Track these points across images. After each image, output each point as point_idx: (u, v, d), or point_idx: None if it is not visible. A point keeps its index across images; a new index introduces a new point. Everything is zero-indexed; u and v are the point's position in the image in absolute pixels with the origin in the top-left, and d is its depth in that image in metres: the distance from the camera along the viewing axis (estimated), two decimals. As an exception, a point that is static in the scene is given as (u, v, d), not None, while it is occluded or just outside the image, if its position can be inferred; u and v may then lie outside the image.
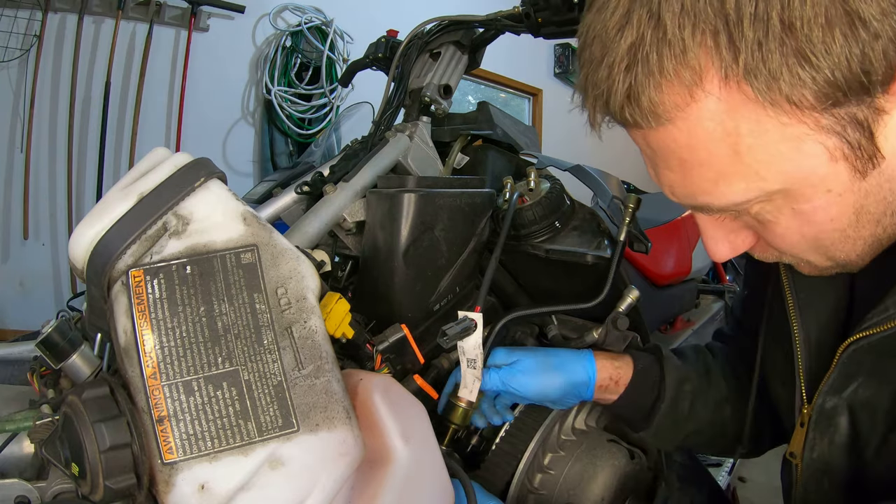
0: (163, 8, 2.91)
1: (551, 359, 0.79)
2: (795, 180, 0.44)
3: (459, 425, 0.80)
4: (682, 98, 0.42)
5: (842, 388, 0.60)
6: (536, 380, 0.76)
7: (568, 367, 0.78)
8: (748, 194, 0.46)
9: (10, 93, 2.67)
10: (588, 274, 0.87)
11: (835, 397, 0.61)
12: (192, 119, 3.06)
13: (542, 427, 0.83)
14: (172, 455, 0.48)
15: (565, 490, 0.82)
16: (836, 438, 0.61)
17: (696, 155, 0.45)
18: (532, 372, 0.77)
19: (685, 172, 0.47)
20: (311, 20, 3.27)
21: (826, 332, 0.64)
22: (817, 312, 0.65)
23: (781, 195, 0.46)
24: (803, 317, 0.66)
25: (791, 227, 0.49)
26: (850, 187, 0.45)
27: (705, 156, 0.44)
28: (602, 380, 0.79)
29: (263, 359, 0.53)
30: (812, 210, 0.46)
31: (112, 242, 0.53)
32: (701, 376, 0.83)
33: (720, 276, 3.01)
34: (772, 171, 0.44)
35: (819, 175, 0.44)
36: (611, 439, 0.87)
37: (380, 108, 1.14)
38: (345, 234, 0.93)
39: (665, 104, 0.42)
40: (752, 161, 0.43)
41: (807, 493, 0.65)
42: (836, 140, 0.42)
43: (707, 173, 0.45)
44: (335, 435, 0.53)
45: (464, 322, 0.74)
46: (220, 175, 0.58)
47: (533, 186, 0.93)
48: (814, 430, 0.63)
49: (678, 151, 0.45)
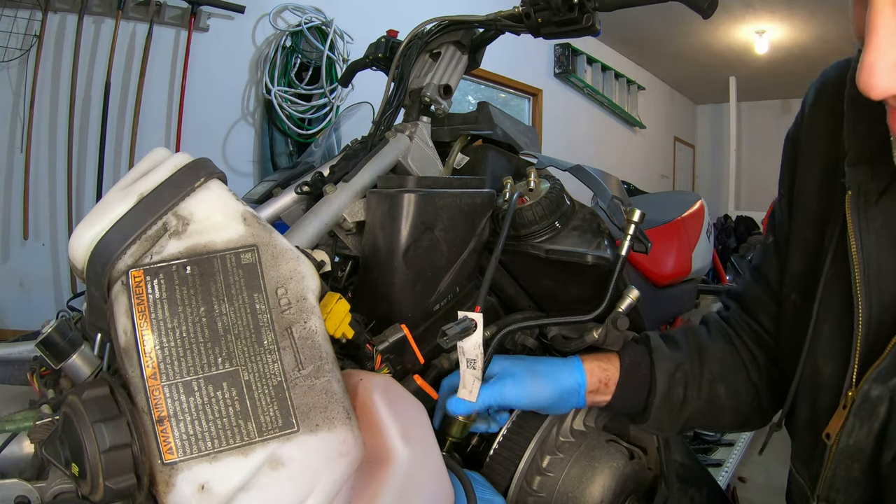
0: (163, 8, 2.91)
1: (539, 367, 0.79)
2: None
3: (458, 438, 0.80)
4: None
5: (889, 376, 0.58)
6: (526, 391, 0.76)
7: (556, 375, 0.78)
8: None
9: (10, 93, 2.67)
10: (588, 274, 0.87)
11: (881, 385, 0.58)
12: (192, 119, 3.07)
13: (541, 429, 0.83)
14: (172, 455, 0.48)
15: (564, 492, 0.82)
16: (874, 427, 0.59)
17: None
18: (521, 384, 0.76)
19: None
20: (311, 20, 3.27)
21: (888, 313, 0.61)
22: (882, 292, 0.61)
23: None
24: (869, 292, 0.62)
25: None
26: None
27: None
28: (592, 384, 0.79)
29: (263, 359, 0.53)
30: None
31: (112, 243, 0.53)
32: (693, 360, 0.83)
33: (720, 276, 3.01)
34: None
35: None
36: (610, 439, 0.87)
37: (380, 108, 1.14)
38: (345, 234, 0.93)
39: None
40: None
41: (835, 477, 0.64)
42: None
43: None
44: (335, 435, 0.53)
45: (464, 322, 0.74)
46: (220, 175, 0.58)
47: (533, 186, 0.93)
48: (855, 415, 0.60)
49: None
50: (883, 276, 0.62)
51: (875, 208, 0.63)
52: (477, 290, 0.84)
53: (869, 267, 0.62)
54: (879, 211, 0.63)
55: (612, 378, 0.80)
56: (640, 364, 0.81)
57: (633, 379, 0.80)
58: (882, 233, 0.62)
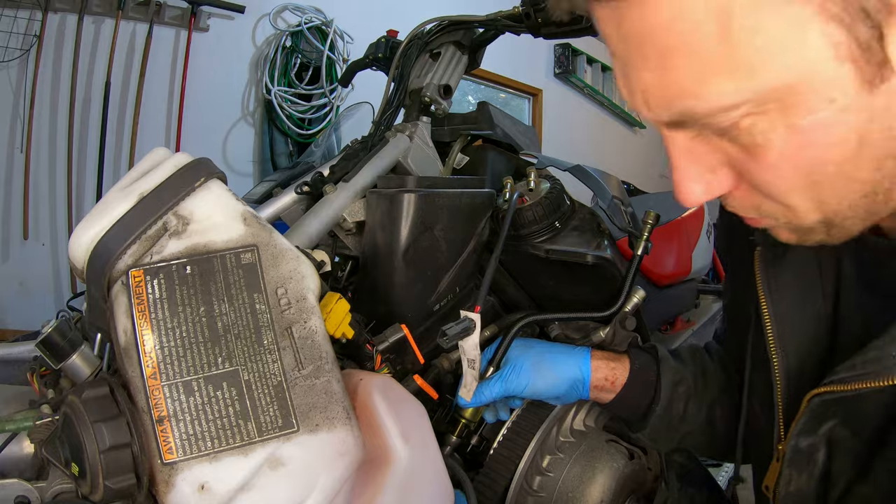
0: (163, 8, 2.90)
1: (547, 355, 0.79)
2: (795, 79, 0.37)
3: (470, 420, 0.83)
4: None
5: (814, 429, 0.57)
6: (530, 379, 0.77)
7: (561, 366, 0.78)
8: (739, 95, 0.38)
9: (10, 93, 2.67)
10: (588, 274, 0.87)
11: (810, 437, 0.57)
12: (192, 119, 3.06)
13: (541, 429, 0.83)
14: (172, 455, 0.48)
15: (564, 492, 0.82)
16: (815, 471, 0.58)
17: (678, 41, 0.38)
18: (526, 372, 0.77)
19: (664, 66, 0.39)
20: (311, 20, 3.26)
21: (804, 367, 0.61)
22: (796, 346, 0.61)
23: (777, 105, 0.39)
24: (784, 347, 0.62)
25: (785, 152, 0.41)
26: (856, 101, 0.38)
27: (689, 40, 0.37)
28: (597, 380, 0.79)
29: (263, 359, 0.53)
30: (811, 127, 0.39)
31: (112, 242, 0.53)
32: (697, 377, 0.83)
33: (720, 276, 3.00)
34: (768, 63, 0.37)
35: (822, 76, 0.37)
36: (610, 439, 0.87)
37: (380, 108, 1.14)
38: (345, 234, 0.93)
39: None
40: (745, 48, 0.37)
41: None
42: (843, 33, 0.36)
43: (691, 65, 0.38)
44: (335, 435, 0.53)
45: (464, 322, 0.74)
46: (220, 175, 0.58)
47: (533, 186, 0.93)
48: (789, 467, 0.59)
49: (657, 36, 0.38)
50: (795, 331, 0.61)
51: (783, 261, 0.63)
52: (477, 290, 0.84)
53: (780, 322, 0.62)
54: (787, 264, 0.63)
55: (620, 378, 0.80)
56: (647, 370, 0.81)
57: (640, 383, 0.80)
58: (791, 285, 0.62)
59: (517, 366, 0.77)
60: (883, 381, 0.47)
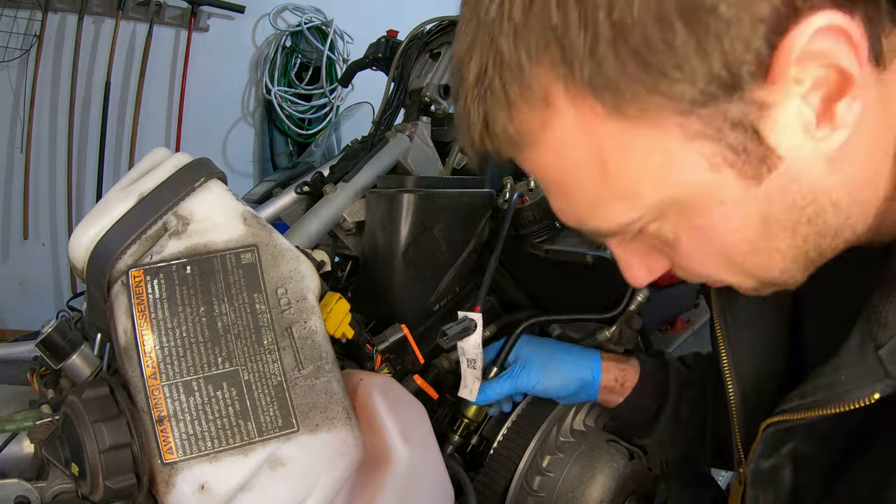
0: (163, 8, 2.90)
1: (558, 355, 0.79)
2: (677, 194, 0.40)
3: (472, 419, 0.82)
4: (536, 122, 0.39)
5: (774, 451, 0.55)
6: (540, 378, 0.77)
7: (572, 366, 0.79)
8: (632, 213, 0.41)
9: (10, 93, 2.66)
10: (588, 274, 0.87)
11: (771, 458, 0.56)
12: (192, 119, 3.06)
13: (541, 429, 0.83)
14: (172, 455, 0.48)
15: (564, 492, 0.82)
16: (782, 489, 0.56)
17: (567, 178, 0.42)
18: (536, 371, 0.77)
19: (564, 198, 0.44)
20: (311, 20, 3.26)
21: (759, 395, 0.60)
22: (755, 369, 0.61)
23: (673, 211, 0.41)
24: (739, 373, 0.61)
25: (694, 244, 0.44)
26: (746, 195, 0.39)
27: (576, 178, 0.41)
28: (607, 381, 0.79)
29: (263, 359, 0.53)
30: (709, 225, 0.41)
31: (112, 242, 0.53)
32: (701, 383, 0.83)
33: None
34: (648, 187, 0.39)
35: (703, 187, 0.39)
36: (610, 439, 0.87)
37: (380, 108, 1.14)
38: (345, 234, 0.93)
39: (521, 131, 0.39)
40: (623, 179, 0.39)
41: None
42: (711, 145, 0.37)
43: (584, 197, 0.42)
44: (335, 435, 0.53)
45: (464, 322, 0.74)
46: (220, 175, 0.58)
47: (533, 186, 0.93)
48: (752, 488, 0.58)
49: (550, 175, 0.43)
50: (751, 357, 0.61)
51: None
52: (477, 290, 0.84)
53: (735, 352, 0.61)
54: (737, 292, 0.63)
55: (630, 380, 0.80)
56: (656, 372, 0.81)
57: (650, 385, 0.80)
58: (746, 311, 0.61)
59: (527, 364, 0.78)
60: (833, 409, 0.45)
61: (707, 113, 0.36)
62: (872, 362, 0.41)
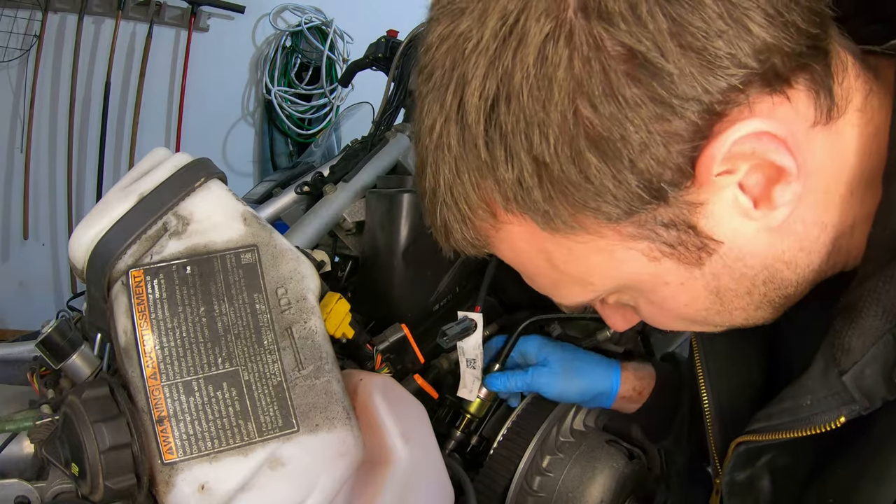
0: (163, 8, 2.90)
1: (577, 363, 0.80)
2: (625, 281, 0.43)
3: (475, 415, 0.82)
4: (489, 228, 0.42)
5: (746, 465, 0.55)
6: (559, 382, 0.78)
7: (590, 376, 0.79)
8: (588, 295, 0.46)
9: (10, 93, 2.66)
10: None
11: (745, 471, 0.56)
12: (192, 119, 3.06)
13: (541, 429, 0.83)
14: (172, 455, 0.48)
15: (564, 492, 0.82)
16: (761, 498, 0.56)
17: (526, 268, 0.46)
18: (556, 374, 0.78)
19: (529, 279, 0.48)
20: (311, 20, 3.26)
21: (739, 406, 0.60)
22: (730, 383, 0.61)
23: (627, 290, 0.45)
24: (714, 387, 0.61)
25: (654, 312, 0.47)
26: (690, 277, 0.41)
27: (534, 269, 0.45)
28: (625, 391, 0.80)
29: (263, 359, 0.53)
30: (662, 300, 0.44)
31: (112, 242, 0.53)
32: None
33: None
34: (596, 278, 0.43)
35: (646, 275, 0.41)
36: (610, 439, 0.87)
37: (380, 108, 1.14)
38: (345, 234, 0.93)
39: (478, 237, 0.43)
40: (573, 273, 0.43)
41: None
42: (647, 243, 0.39)
43: (545, 280, 0.46)
44: (335, 435, 0.53)
45: (463, 322, 0.74)
46: (220, 175, 0.58)
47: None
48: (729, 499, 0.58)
49: (513, 264, 0.47)
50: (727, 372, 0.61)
51: None
52: (477, 290, 0.84)
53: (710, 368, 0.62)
54: None
55: (647, 388, 0.81)
56: (672, 375, 0.82)
57: (667, 389, 0.81)
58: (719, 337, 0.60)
59: (548, 366, 0.78)
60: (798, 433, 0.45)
61: (638, 219, 0.37)
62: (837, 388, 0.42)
